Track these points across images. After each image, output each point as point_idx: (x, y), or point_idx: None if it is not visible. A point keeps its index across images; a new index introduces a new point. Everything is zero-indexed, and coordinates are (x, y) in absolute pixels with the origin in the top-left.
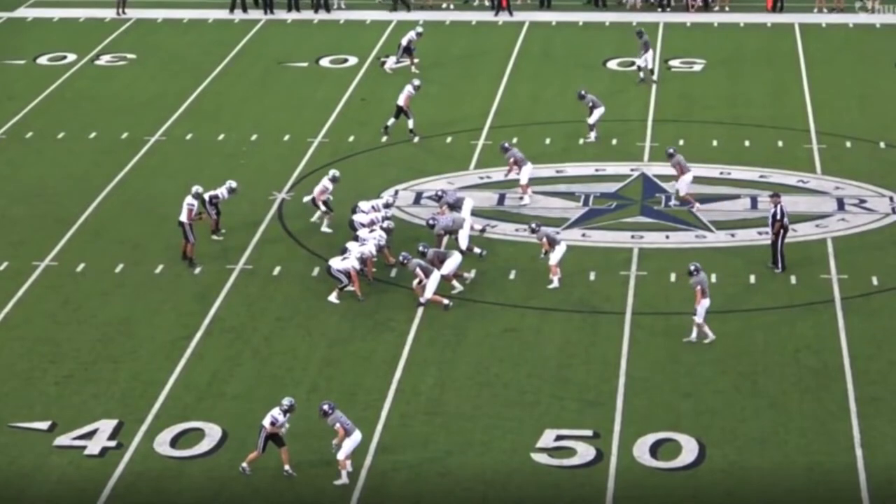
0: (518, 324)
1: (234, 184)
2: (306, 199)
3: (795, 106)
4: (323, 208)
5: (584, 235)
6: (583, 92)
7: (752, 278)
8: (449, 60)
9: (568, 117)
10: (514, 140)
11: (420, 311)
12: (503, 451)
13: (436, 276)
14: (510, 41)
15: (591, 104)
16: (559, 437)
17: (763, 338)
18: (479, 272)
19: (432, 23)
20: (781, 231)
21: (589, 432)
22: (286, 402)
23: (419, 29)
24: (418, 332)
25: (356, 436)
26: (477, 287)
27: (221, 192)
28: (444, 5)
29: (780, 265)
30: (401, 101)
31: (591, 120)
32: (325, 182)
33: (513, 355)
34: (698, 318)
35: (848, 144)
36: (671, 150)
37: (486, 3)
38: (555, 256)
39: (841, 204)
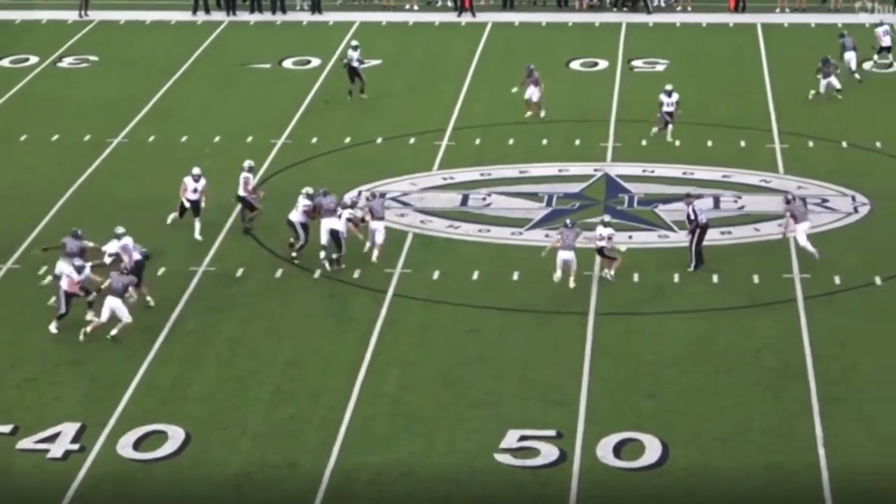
0: (481, 324)
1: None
2: (239, 195)
3: (758, 106)
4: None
5: (547, 236)
6: (532, 67)
7: (715, 278)
8: (412, 61)
9: (532, 118)
10: (477, 141)
11: (383, 312)
12: (466, 451)
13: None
14: (473, 42)
15: (535, 83)
16: (522, 438)
17: (725, 337)
18: (441, 273)
19: (396, 24)
20: (697, 231)
21: (552, 432)
22: None
23: (354, 43)
24: (381, 334)
25: None
26: (440, 288)
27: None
28: (407, 6)
29: (693, 264)
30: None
31: (536, 97)
32: (245, 175)
33: (476, 356)
34: (801, 241)
35: (810, 144)
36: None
37: (449, 4)
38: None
39: (804, 203)
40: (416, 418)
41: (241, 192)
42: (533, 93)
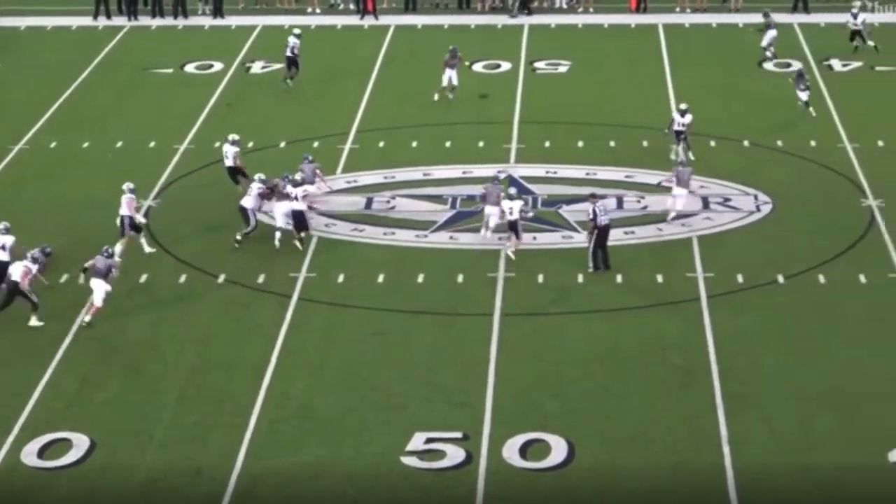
0: (387, 327)
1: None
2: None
3: (660, 106)
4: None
5: (451, 238)
6: (455, 48)
7: (619, 278)
8: (315, 65)
9: (435, 120)
10: (381, 144)
11: (289, 316)
12: (373, 454)
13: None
14: (376, 45)
15: (453, 66)
16: (429, 440)
17: (630, 337)
18: (346, 276)
19: (298, 27)
20: (595, 231)
21: (458, 434)
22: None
23: (297, 31)
24: (287, 338)
25: None
26: (345, 291)
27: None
28: (309, 9)
29: (591, 265)
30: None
31: (455, 80)
32: (231, 148)
33: (382, 358)
34: (679, 206)
35: (712, 143)
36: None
37: (352, 7)
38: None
39: (706, 203)
40: (322, 422)
41: (231, 163)
42: (452, 75)
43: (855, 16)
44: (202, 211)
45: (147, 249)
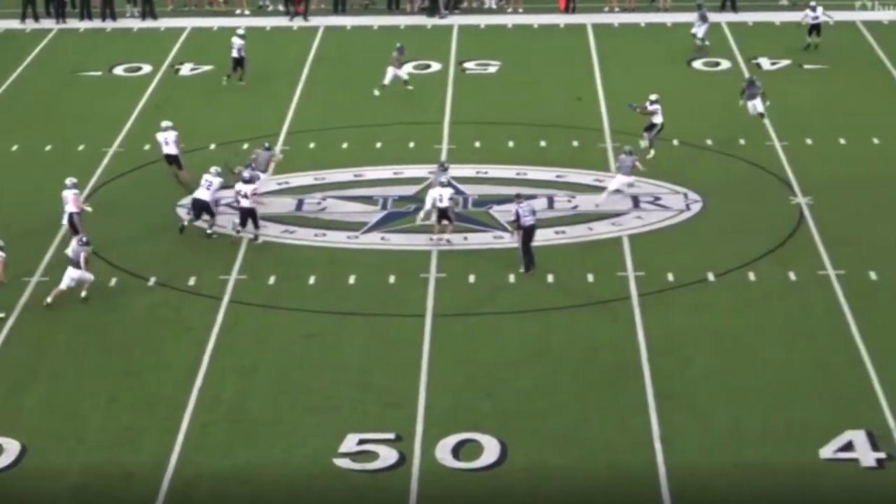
0: (319, 329)
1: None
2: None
3: (590, 105)
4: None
5: (383, 239)
6: (402, 45)
7: (550, 278)
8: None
9: (365, 121)
10: (312, 145)
11: (220, 319)
12: (305, 456)
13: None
14: (306, 46)
15: (399, 63)
16: (361, 441)
17: (562, 336)
18: (278, 278)
19: (227, 29)
20: (520, 232)
21: (391, 435)
22: None
23: (241, 31)
24: (218, 340)
25: None
26: (277, 293)
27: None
28: (238, 11)
29: (522, 266)
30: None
31: (404, 75)
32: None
33: (314, 361)
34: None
35: (642, 143)
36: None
37: (281, 9)
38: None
39: (636, 202)
40: (254, 424)
41: (171, 151)
42: (398, 72)
43: (813, 8)
44: (132, 214)
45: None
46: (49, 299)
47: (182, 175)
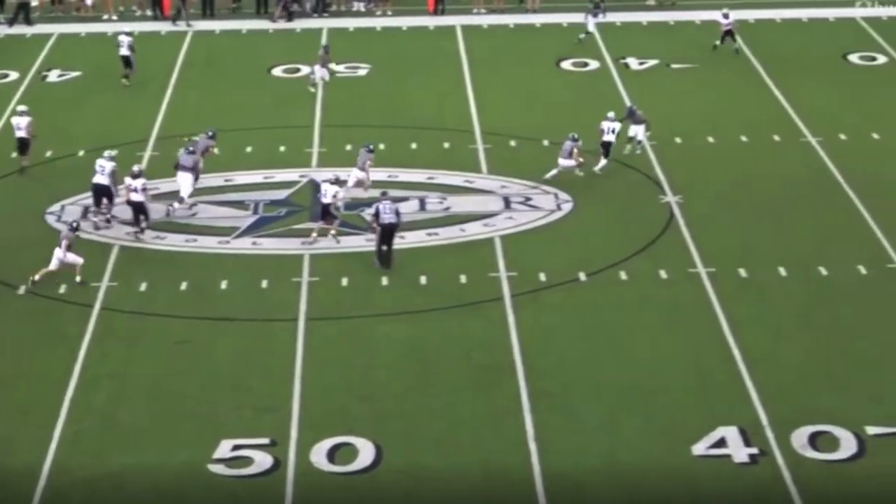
0: (191, 335)
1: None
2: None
3: (460, 107)
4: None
5: (254, 243)
6: (327, 45)
7: (423, 279)
8: (113, 72)
9: (236, 126)
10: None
11: (91, 326)
12: (180, 462)
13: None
14: (174, 50)
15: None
16: (236, 447)
17: (435, 338)
18: (149, 284)
19: (95, 35)
20: (379, 230)
21: (266, 440)
22: None
23: (127, 29)
24: (90, 348)
25: None
26: (148, 300)
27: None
28: (105, 16)
29: (375, 261)
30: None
31: (327, 77)
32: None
33: (187, 367)
34: None
35: (512, 143)
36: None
37: (148, 14)
38: None
39: (507, 202)
40: (128, 431)
41: (22, 135)
42: (324, 73)
43: (726, 16)
44: (1, 222)
45: None
46: (36, 276)
47: (24, 161)
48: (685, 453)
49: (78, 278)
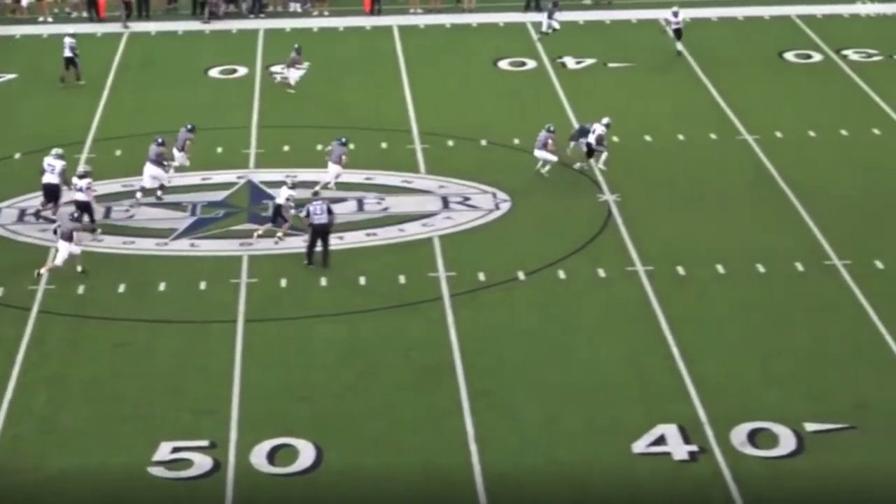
0: (130, 337)
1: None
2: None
3: (397, 107)
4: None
5: (192, 245)
6: (299, 46)
7: (362, 280)
8: (47, 75)
9: (172, 127)
10: (118, 153)
11: (29, 330)
12: (119, 465)
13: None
14: (109, 52)
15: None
16: (175, 450)
17: (374, 338)
18: (87, 287)
19: (30, 37)
20: (311, 230)
21: (205, 442)
22: None
23: (71, 31)
24: (28, 351)
25: None
26: (86, 302)
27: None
28: (41, 18)
29: (306, 260)
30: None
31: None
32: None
33: (125, 369)
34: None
35: (450, 143)
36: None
37: (84, 15)
38: None
39: (446, 202)
40: (66, 435)
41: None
42: (294, 74)
43: (675, 14)
44: None
45: None
46: (42, 270)
47: None
48: (625, 451)
49: (79, 268)
